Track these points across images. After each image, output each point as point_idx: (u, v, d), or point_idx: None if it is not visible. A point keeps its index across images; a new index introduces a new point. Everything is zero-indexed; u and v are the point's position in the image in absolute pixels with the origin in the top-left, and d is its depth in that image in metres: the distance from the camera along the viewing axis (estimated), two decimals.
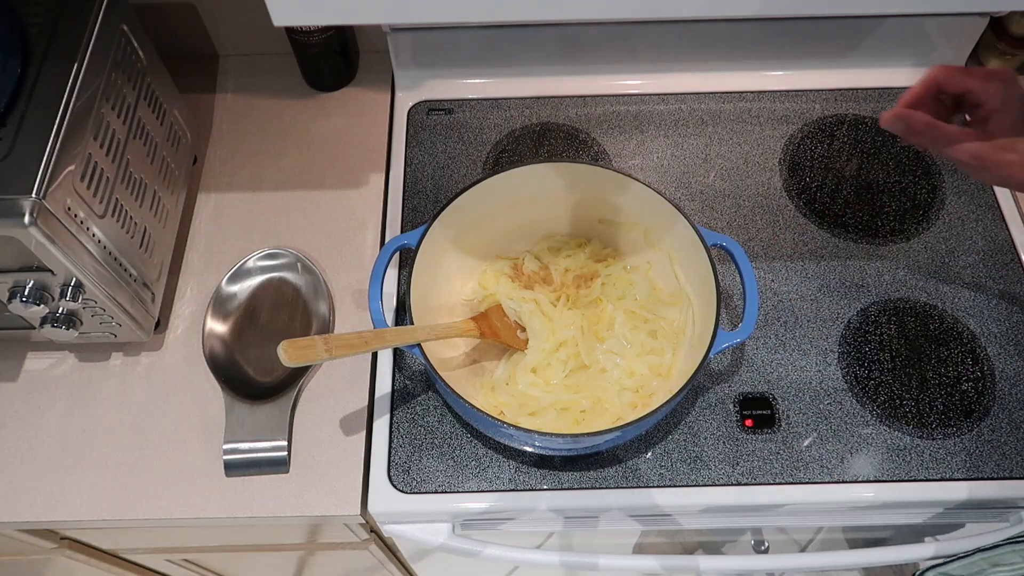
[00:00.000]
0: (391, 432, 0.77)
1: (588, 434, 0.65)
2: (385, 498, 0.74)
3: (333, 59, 0.98)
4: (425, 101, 0.99)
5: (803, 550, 0.96)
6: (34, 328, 0.73)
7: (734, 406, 0.78)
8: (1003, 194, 0.91)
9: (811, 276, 0.86)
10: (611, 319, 0.79)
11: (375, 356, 0.82)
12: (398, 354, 0.81)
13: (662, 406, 0.66)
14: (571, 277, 0.82)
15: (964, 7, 0.55)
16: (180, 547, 0.98)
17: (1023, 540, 0.71)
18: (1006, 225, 0.89)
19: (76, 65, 0.65)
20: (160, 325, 0.83)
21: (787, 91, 0.99)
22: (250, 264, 0.84)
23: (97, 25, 0.68)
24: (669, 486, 0.75)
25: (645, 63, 0.98)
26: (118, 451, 0.77)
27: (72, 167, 0.64)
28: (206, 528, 0.86)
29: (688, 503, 0.74)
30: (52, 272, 0.66)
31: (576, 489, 0.75)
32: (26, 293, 0.67)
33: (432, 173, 0.93)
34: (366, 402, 0.79)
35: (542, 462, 0.76)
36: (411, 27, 0.92)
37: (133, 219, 0.74)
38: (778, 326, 0.83)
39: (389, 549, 0.96)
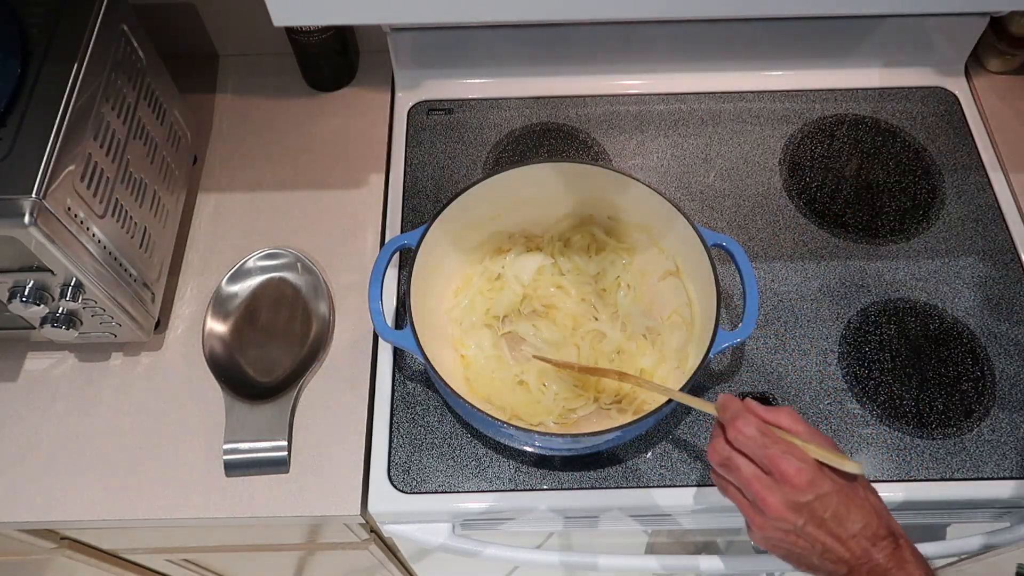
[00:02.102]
0: (391, 432, 0.77)
1: (588, 434, 0.65)
2: (385, 498, 0.74)
3: (333, 59, 0.98)
4: (425, 101, 0.99)
5: None
6: (34, 328, 0.73)
7: None
8: (1003, 194, 0.91)
9: (811, 276, 0.86)
10: (610, 327, 0.79)
11: (375, 356, 0.82)
12: (398, 354, 0.81)
13: (662, 406, 0.66)
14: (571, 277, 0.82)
15: (964, 7, 0.55)
16: (180, 547, 0.98)
17: None
18: (1006, 225, 0.89)
19: (76, 65, 0.65)
20: (160, 325, 0.83)
21: (787, 91, 0.99)
22: (250, 264, 0.84)
23: (97, 25, 0.68)
24: (669, 486, 0.75)
25: (645, 63, 0.98)
26: (118, 451, 0.77)
27: (72, 167, 0.64)
28: (206, 528, 0.86)
29: (688, 503, 0.74)
30: (52, 272, 0.66)
31: (576, 489, 0.75)
32: (26, 293, 0.66)
33: (432, 173, 0.93)
34: (366, 402, 0.79)
35: (542, 462, 0.76)
36: (411, 27, 0.92)
37: (133, 219, 0.74)
38: (778, 326, 0.83)
39: (389, 549, 0.96)
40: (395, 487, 0.75)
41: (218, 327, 0.82)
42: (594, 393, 0.76)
